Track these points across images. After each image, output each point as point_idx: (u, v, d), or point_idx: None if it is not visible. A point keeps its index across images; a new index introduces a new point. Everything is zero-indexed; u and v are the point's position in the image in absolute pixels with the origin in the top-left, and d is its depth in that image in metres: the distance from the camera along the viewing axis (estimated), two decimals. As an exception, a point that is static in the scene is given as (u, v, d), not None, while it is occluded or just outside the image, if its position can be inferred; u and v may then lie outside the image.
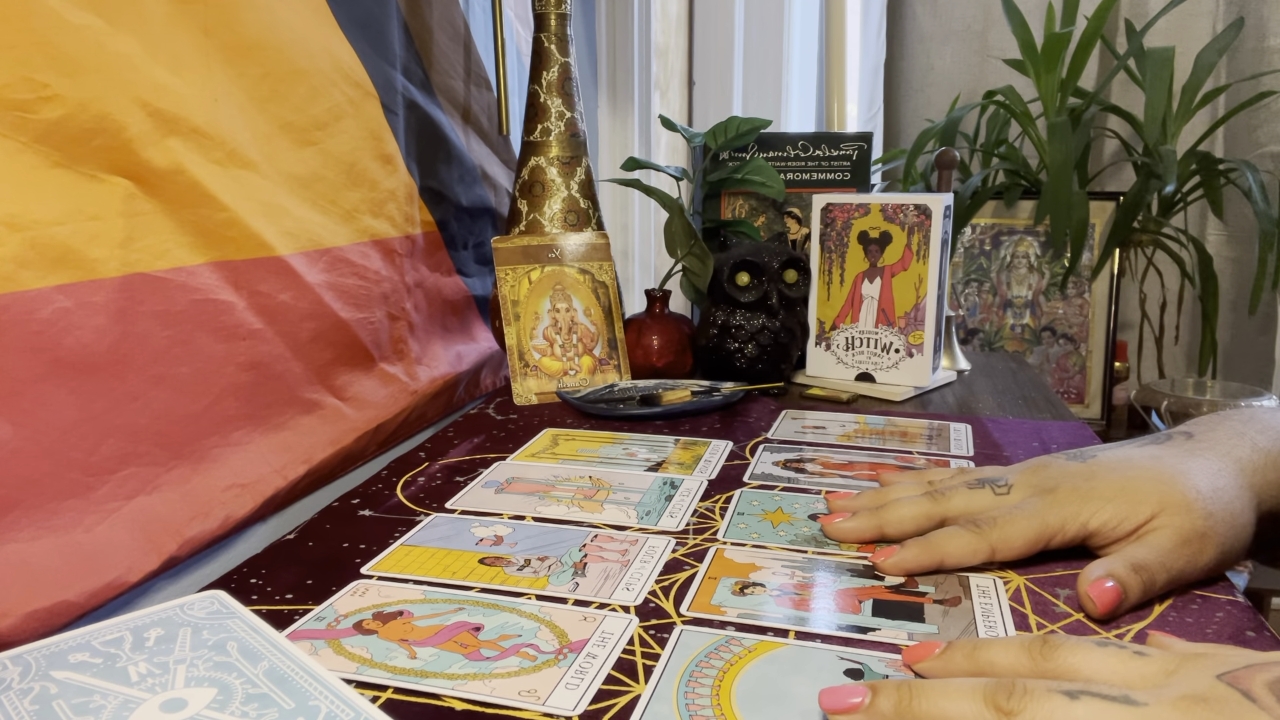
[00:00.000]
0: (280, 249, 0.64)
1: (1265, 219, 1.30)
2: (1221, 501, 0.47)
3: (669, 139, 1.41)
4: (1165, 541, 0.46)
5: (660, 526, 0.55)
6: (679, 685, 0.39)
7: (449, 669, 0.40)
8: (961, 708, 0.34)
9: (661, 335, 0.89)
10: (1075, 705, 0.32)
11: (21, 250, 0.46)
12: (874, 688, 0.36)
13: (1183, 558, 0.45)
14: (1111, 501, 0.48)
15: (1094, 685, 0.33)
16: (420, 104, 0.84)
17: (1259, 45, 1.48)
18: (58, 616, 0.47)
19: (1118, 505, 0.47)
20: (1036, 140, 1.49)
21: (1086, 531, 0.48)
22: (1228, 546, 0.47)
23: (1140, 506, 0.47)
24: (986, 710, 0.33)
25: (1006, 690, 0.33)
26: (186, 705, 0.36)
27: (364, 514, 0.58)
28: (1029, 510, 0.49)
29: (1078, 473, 0.50)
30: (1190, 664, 0.34)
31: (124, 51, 0.51)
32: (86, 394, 0.50)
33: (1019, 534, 0.48)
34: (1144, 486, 0.47)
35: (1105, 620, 0.44)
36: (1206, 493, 0.47)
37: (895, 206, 0.85)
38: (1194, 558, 0.46)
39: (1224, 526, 0.46)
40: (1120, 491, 0.48)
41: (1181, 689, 0.32)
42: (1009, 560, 0.49)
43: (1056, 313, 1.48)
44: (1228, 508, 0.47)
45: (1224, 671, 0.32)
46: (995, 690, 0.34)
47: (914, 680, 0.36)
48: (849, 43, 1.58)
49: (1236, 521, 0.47)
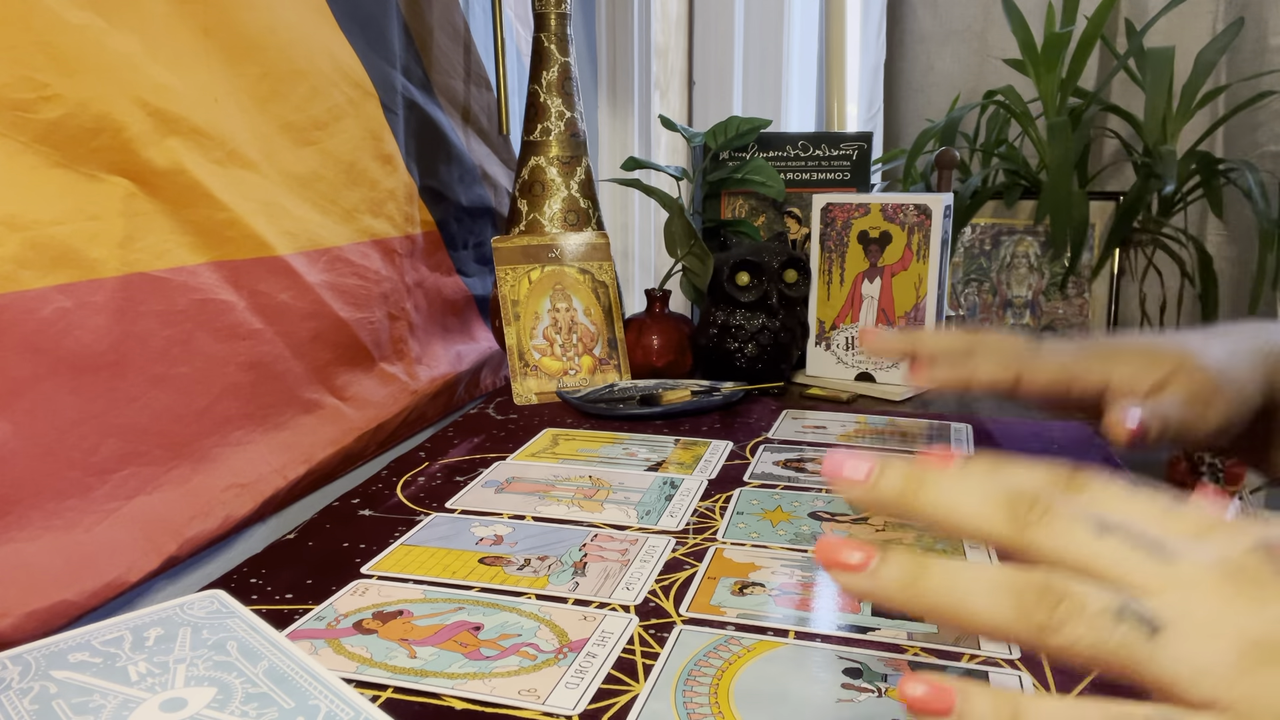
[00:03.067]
0: (280, 249, 0.64)
1: (1265, 219, 1.30)
2: (1234, 371, 0.51)
3: (669, 139, 1.41)
4: (1180, 394, 0.50)
5: (660, 526, 0.55)
6: (677, 684, 0.39)
7: (449, 668, 0.40)
8: (974, 504, 0.30)
9: (661, 335, 0.89)
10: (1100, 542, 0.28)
11: (21, 250, 0.46)
12: (883, 463, 0.32)
13: (1192, 412, 0.49)
14: (1134, 360, 0.52)
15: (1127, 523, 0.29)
16: (420, 104, 0.84)
17: (1259, 45, 1.48)
18: (58, 616, 0.47)
19: (1140, 364, 0.52)
20: (1036, 140, 1.49)
21: (1110, 383, 0.52)
22: (1232, 412, 0.50)
23: (1159, 365, 0.51)
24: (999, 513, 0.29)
25: (1029, 500, 0.29)
26: (186, 705, 0.36)
27: (364, 514, 0.58)
28: (1060, 353, 0.54)
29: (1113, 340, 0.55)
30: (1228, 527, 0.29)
31: (124, 51, 0.51)
32: (86, 394, 0.50)
33: (1045, 370, 0.53)
34: (1165, 351, 0.52)
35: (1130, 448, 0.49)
36: (1222, 359, 0.51)
37: (895, 206, 0.85)
38: (1203, 413, 0.50)
39: (1232, 391, 0.50)
40: (1143, 354, 0.52)
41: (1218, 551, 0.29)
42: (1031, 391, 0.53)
43: (1056, 313, 1.48)
44: (1238, 378, 0.51)
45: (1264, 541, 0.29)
46: (1016, 497, 0.29)
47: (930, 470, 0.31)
48: (849, 43, 1.58)
49: (1244, 392, 0.51)
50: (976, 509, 0.30)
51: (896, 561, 0.30)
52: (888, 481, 0.31)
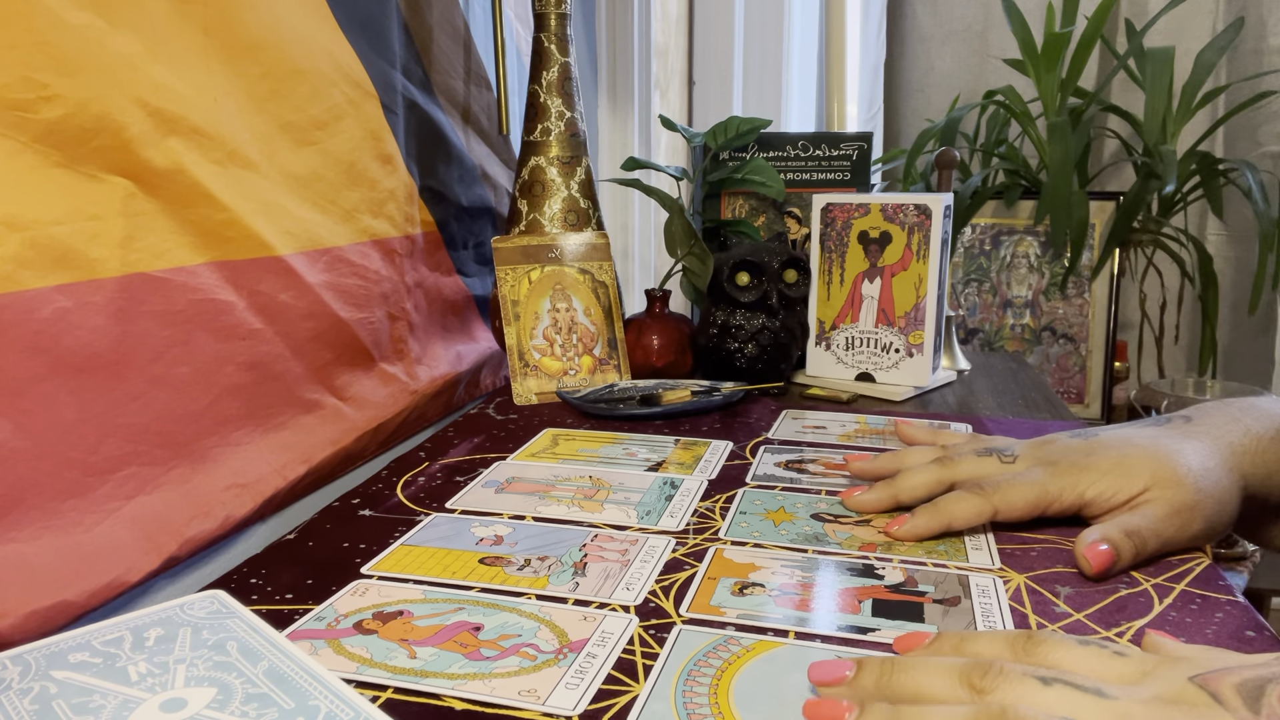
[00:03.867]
0: (280, 249, 0.64)
1: (1265, 219, 1.30)
2: (1210, 480, 0.50)
3: (669, 139, 1.41)
4: (1157, 511, 0.49)
5: (660, 526, 0.55)
6: (677, 684, 0.39)
7: (449, 669, 0.40)
8: (937, 683, 0.35)
9: (661, 335, 0.89)
10: (1047, 690, 0.33)
11: (21, 250, 0.46)
12: (860, 663, 0.37)
13: (1173, 526, 0.49)
14: (1108, 475, 0.51)
15: (1068, 675, 0.34)
16: (420, 104, 0.84)
17: (1259, 45, 1.48)
18: (58, 616, 0.47)
19: (1113, 478, 0.51)
20: (1036, 140, 1.49)
21: (1083, 501, 0.52)
22: (1214, 520, 0.50)
23: (1134, 480, 0.50)
24: (961, 688, 0.34)
25: (982, 670, 0.34)
26: (186, 705, 0.36)
27: (364, 514, 0.58)
28: (1031, 478, 0.53)
29: (1079, 448, 0.54)
30: (1167, 666, 0.34)
31: (124, 51, 0.51)
32: (86, 394, 0.50)
33: (1020, 497, 0.52)
34: (1139, 462, 0.51)
35: (1099, 580, 0.47)
36: (1197, 470, 0.50)
37: (895, 206, 0.85)
38: (1183, 527, 0.49)
39: (1211, 502, 0.50)
40: (1116, 466, 0.51)
41: (1154, 689, 0.33)
42: (1009, 520, 0.53)
43: (1056, 313, 1.48)
44: (1216, 485, 0.50)
45: (1197, 674, 0.33)
46: (971, 670, 0.35)
47: (897, 657, 0.37)
48: (849, 43, 1.58)
49: (1223, 499, 0.50)
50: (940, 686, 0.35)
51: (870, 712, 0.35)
52: (865, 677, 0.37)
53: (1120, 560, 0.47)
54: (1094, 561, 0.47)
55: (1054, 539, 0.52)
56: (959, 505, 0.53)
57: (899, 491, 0.56)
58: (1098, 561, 0.47)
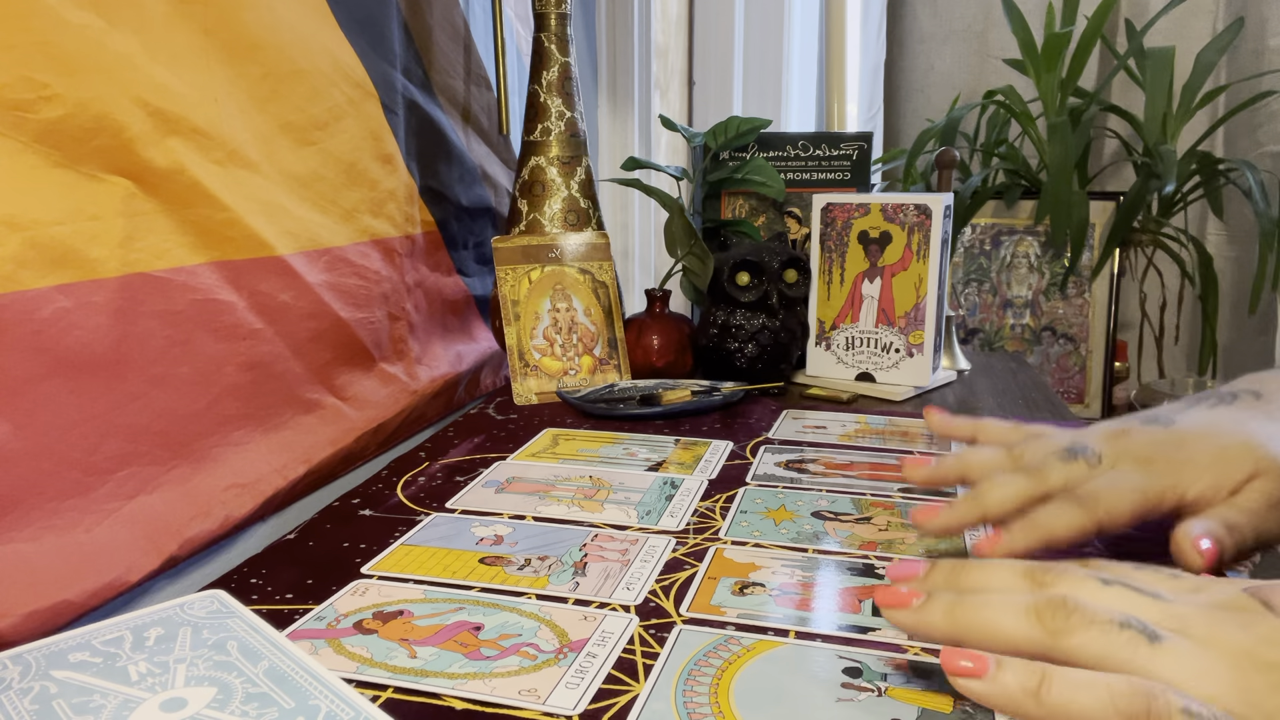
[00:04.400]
0: (280, 249, 0.64)
1: (1265, 219, 1.30)
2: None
3: (669, 139, 1.41)
4: (1258, 503, 0.46)
5: (660, 526, 0.55)
6: (677, 684, 0.39)
7: (449, 668, 0.40)
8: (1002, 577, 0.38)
9: (661, 335, 0.89)
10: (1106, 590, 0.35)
11: (21, 250, 0.46)
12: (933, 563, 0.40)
13: (1272, 519, 0.46)
14: (1209, 470, 0.47)
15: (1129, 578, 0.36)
16: (420, 104, 0.84)
17: (1259, 45, 1.48)
18: (58, 616, 0.47)
19: (1215, 473, 0.47)
20: (1036, 140, 1.49)
21: (1184, 501, 0.48)
22: None
23: (1237, 473, 0.47)
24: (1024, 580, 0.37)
25: (1045, 568, 0.37)
26: (186, 704, 0.36)
27: (364, 514, 0.58)
28: (1131, 483, 0.48)
29: (1166, 440, 0.50)
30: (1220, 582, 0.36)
31: (124, 51, 0.51)
32: (86, 394, 0.50)
33: (1125, 506, 0.47)
34: (1238, 452, 0.47)
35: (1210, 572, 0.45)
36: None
37: (895, 206, 0.85)
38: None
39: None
40: (1216, 459, 0.48)
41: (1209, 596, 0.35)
42: (1113, 532, 0.48)
43: (1056, 312, 1.48)
44: None
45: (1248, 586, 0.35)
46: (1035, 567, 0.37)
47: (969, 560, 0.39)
48: (849, 43, 1.58)
49: None
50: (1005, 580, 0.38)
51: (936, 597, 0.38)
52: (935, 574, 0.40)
53: (1224, 556, 0.44)
54: (1206, 557, 0.44)
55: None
56: (1060, 519, 0.47)
57: (987, 507, 0.50)
58: (1209, 557, 0.44)
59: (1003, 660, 0.34)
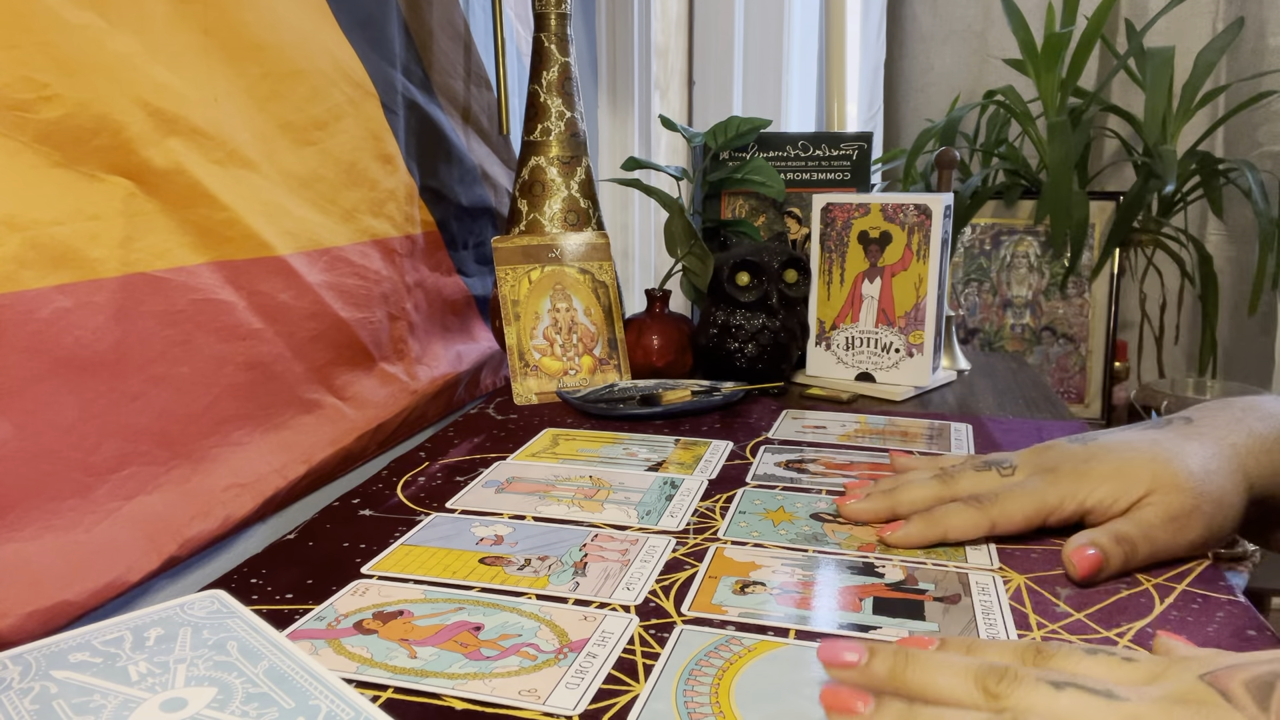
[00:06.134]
0: (280, 249, 0.64)
1: (1265, 219, 1.30)
2: (1212, 483, 0.49)
3: (669, 139, 1.41)
4: (1152, 517, 0.48)
5: (660, 526, 0.55)
6: (678, 684, 0.39)
7: (449, 668, 0.40)
8: (953, 683, 0.35)
9: (661, 335, 0.89)
10: (1059, 695, 0.33)
11: (21, 250, 0.46)
12: (872, 649, 0.37)
13: (1168, 532, 0.48)
14: (1107, 481, 0.50)
15: (1080, 678, 0.34)
16: (420, 104, 0.84)
17: (1259, 45, 1.48)
18: (58, 616, 0.47)
19: (1113, 484, 0.50)
20: (1036, 140, 1.49)
21: (1083, 509, 0.51)
22: (1215, 525, 0.49)
23: (1134, 485, 0.49)
24: (975, 689, 0.35)
25: (997, 674, 0.35)
26: (186, 705, 0.36)
27: (364, 514, 0.58)
28: (1029, 488, 0.52)
29: (1077, 454, 0.53)
30: (1176, 667, 0.34)
31: (124, 51, 0.51)
32: (86, 394, 0.50)
33: (1018, 509, 0.51)
34: (1139, 467, 0.50)
35: (1085, 584, 0.47)
36: (1198, 474, 0.49)
37: (895, 206, 0.85)
38: (1179, 533, 0.48)
39: (1211, 506, 0.49)
40: (1116, 472, 0.50)
41: (1164, 689, 0.33)
42: (1008, 533, 0.51)
43: (1056, 313, 1.48)
44: (1218, 489, 0.49)
45: (1206, 672, 0.33)
46: (986, 673, 0.35)
47: (910, 650, 0.37)
48: (849, 43, 1.58)
49: (1225, 502, 0.49)
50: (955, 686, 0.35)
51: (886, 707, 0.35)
52: (878, 665, 0.37)
53: (1108, 566, 0.47)
54: (1079, 566, 0.47)
55: (1056, 541, 0.52)
56: (956, 517, 0.51)
57: (897, 503, 0.54)
58: (1083, 566, 0.46)
59: None
